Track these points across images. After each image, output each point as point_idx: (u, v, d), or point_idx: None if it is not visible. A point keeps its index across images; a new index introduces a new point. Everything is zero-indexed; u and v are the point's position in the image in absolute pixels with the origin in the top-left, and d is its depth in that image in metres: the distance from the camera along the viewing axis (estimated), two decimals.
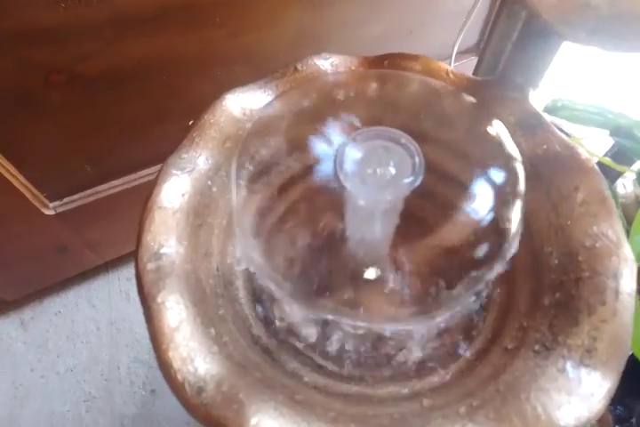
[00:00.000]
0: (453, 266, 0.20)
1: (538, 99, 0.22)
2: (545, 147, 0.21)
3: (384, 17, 0.50)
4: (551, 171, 0.21)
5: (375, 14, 0.49)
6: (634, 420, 0.46)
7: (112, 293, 0.66)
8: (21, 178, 0.47)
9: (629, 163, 0.24)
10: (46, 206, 0.52)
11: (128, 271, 0.69)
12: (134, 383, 0.61)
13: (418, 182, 0.17)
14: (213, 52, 0.43)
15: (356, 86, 0.22)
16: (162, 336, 0.17)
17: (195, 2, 0.40)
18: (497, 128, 0.20)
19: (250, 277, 0.23)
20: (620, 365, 0.17)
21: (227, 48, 0.43)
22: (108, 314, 0.65)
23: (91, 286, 0.66)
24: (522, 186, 0.18)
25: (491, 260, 0.18)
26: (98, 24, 0.37)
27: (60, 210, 0.53)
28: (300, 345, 0.22)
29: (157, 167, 0.44)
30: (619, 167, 0.23)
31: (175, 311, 0.18)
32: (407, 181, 0.16)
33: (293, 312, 0.22)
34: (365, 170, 0.17)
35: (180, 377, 0.17)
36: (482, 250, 0.19)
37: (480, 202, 0.20)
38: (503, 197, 0.19)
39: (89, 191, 0.54)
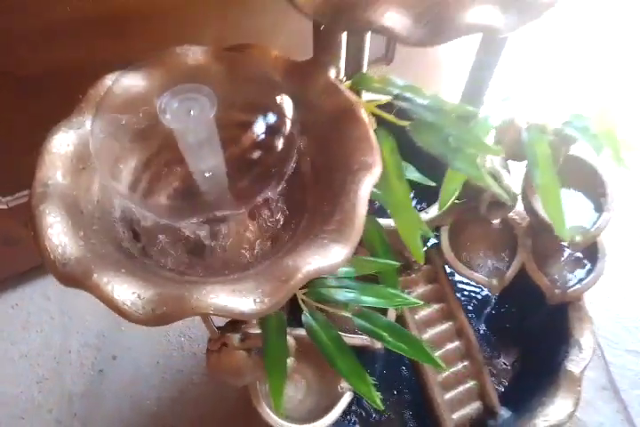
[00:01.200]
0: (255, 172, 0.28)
1: (338, 72, 0.30)
2: (338, 104, 0.29)
3: (288, 27, 0.58)
4: (339, 119, 0.29)
5: (280, 26, 0.57)
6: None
7: None
8: None
9: (409, 119, 0.32)
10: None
11: None
12: (84, 365, 0.67)
13: (211, 115, 0.24)
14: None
15: (203, 64, 0.30)
16: (40, 231, 0.25)
17: (118, 14, 0.48)
18: (281, 96, 0.28)
19: (125, 210, 0.30)
20: (354, 242, 0.24)
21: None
22: (60, 305, 0.71)
23: (45, 279, 0.73)
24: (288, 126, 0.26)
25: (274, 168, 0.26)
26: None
27: (12, 204, 0.60)
28: (155, 252, 0.29)
29: None
30: (399, 122, 0.31)
31: (51, 216, 0.25)
32: (200, 112, 0.24)
33: (154, 229, 0.29)
34: (179, 113, 0.25)
35: (52, 256, 0.25)
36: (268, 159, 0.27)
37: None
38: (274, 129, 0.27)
39: None
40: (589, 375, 0.66)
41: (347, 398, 0.44)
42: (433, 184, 0.39)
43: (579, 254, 0.54)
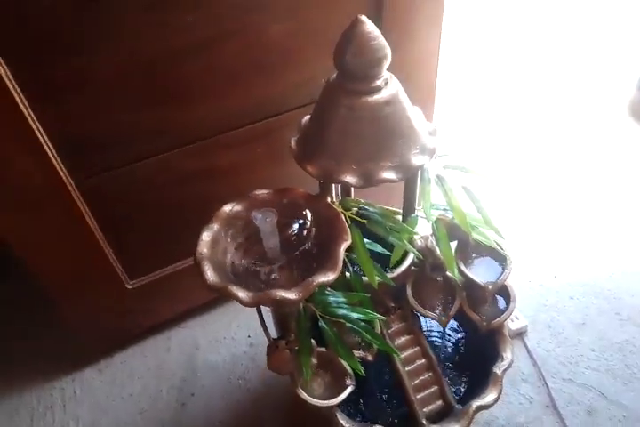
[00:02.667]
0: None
1: None
2: (330, 213, 0.63)
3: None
4: (331, 220, 0.62)
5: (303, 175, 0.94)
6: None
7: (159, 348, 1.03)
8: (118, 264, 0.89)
9: (367, 219, 0.66)
10: (128, 282, 0.93)
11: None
12: (171, 400, 0.95)
13: (275, 220, 0.58)
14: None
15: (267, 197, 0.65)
16: (202, 273, 0.57)
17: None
18: (306, 210, 0.62)
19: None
20: (337, 272, 0.57)
21: None
22: (156, 360, 1.01)
23: (137, 345, 1.03)
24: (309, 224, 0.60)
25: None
26: None
27: (135, 285, 0.94)
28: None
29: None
30: (362, 220, 0.64)
31: (206, 266, 0.58)
32: (270, 219, 0.58)
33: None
34: (262, 219, 0.58)
35: (208, 282, 0.57)
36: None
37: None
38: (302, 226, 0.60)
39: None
40: (536, 398, 0.92)
41: (349, 389, 0.72)
42: (388, 253, 0.71)
43: (500, 299, 0.83)
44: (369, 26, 0.53)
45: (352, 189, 0.74)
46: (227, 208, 0.65)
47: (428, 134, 0.63)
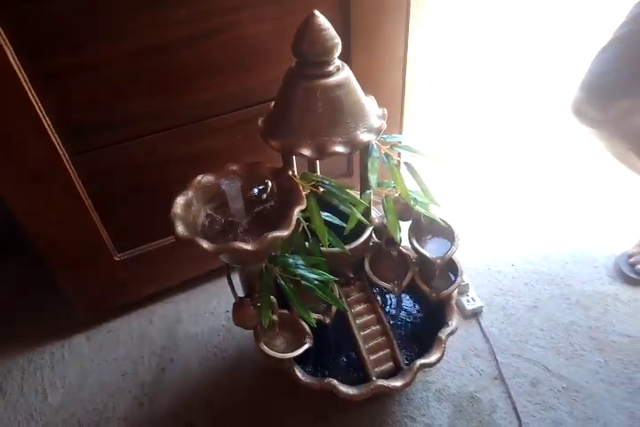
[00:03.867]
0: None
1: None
2: (291, 184, 0.72)
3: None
4: (291, 189, 0.72)
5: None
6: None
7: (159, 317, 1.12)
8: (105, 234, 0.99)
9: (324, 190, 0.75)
10: (116, 255, 1.02)
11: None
12: (152, 365, 1.03)
13: (239, 185, 0.67)
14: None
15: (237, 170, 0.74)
16: (175, 228, 0.66)
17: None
18: (268, 180, 0.72)
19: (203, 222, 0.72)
20: (290, 229, 0.66)
21: None
22: (139, 330, 1.10)
23: (124, 319, 1.12)
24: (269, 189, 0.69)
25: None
26: None
27: (123, 258, 1.03)
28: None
29: None
30: (319, 191, 0.74)
31: (178, 224, 0.67)
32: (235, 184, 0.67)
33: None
34: (228, 184, 0.68)
35: (180, 236, 0.66)
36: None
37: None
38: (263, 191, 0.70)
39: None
40: (486, 370, 1.00)
41: (306, 346, 0.81)
42: (342, 224, 0.80)
43: (451, 275, 0.92)
44: (321, 19, 0.64)
45: (318, 165, 0.83)
46: (199, 177, 0.74)
47: (376, 117, 0.73)
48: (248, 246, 0.65)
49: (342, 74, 0.68)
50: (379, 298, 0.95)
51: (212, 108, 0.93)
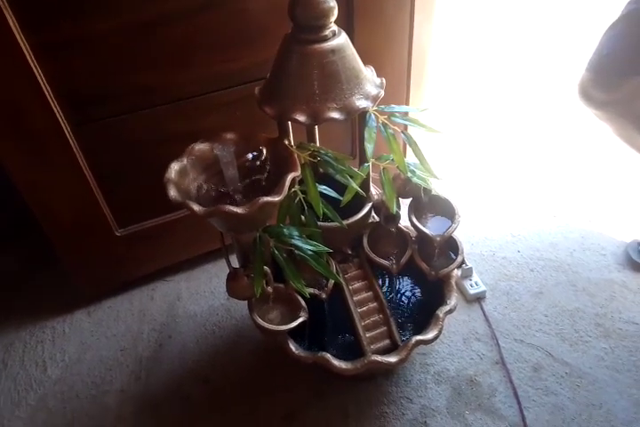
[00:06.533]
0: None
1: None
2: (287, 152, 0.72)
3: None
4: (287, 157, 0.71)
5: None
6: None
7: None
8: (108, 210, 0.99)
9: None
10: (117, 230, 1.03)
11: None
12: (150, 341, 1.03)
13: (232, 150, 0.67)
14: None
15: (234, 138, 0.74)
16: (170, 193, 0.66)
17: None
18: (263, 147, 0.71)
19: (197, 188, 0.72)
20: (283, 194, 0.65)
21: None
22: (140, 306, 1.10)
23: (124, 296, 1.12)
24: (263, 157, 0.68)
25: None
26: None
27: (124, 233, 1.03)
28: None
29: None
30: (315, 160, 0.73)
31: (171, 189, 0.67)
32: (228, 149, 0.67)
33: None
34: (222, 150, 0.67)
35: (173, 199, 0.66)
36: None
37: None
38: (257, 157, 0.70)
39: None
40: (487, 355, 0.98)
41: (300, 319, 0.80)
42: (339, 196, 0.79)
43: (451, 254, 0.90)
44: None
45: (317, 136, 0.82)
46: (195, 145, 0.74)
47: (374, 85, 0.72)
48: (239, 210, 0.64)
49: (338, 39, 0.67)
50: (379, 278, 0.93)
51: (211, 83, 0.93)
